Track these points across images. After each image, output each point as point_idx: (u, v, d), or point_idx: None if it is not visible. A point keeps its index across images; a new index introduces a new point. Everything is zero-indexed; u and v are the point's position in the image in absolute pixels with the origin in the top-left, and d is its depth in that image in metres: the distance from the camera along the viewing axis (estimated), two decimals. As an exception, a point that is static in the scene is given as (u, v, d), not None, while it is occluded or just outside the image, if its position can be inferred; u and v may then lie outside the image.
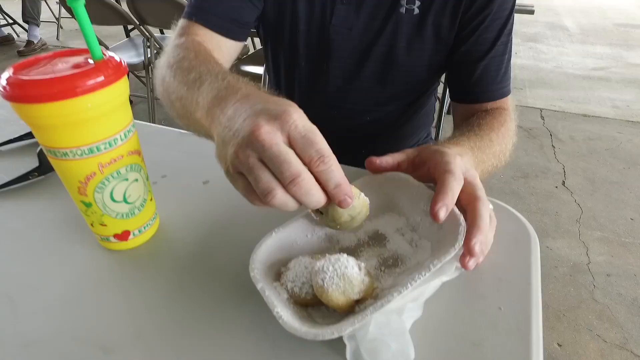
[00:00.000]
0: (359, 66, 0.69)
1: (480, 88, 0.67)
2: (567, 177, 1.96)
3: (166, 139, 0.70)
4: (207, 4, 0.64)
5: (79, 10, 0.34)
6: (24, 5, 3.70)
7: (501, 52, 0.65)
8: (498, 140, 0.59)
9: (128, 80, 0.39)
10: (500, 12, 0.63)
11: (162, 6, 1.85)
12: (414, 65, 0.68)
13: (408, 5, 0.63)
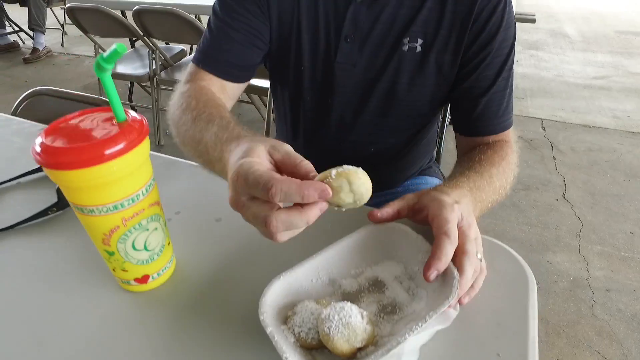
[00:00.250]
0: (363, 101, 0.71)
1: (482, 122, 0.69)
2: (568, 190, 1.98)
3: (178, 171, 0.72)
4: (214, 51, 0.68)
5: (106, 79, 0.37)
6: (30, 13, 3.74)
7: (502, 87, 0.67)
8: (498, 176, 0.62)
9: (149, 139, 0.42)
10: (501, 50, 0.65)
11: (166, 20, 1.89)
12: (417, 99, 0.70)
13: (410, 43, 0.65)
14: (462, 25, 0.63)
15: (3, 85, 3.30)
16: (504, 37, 0.64)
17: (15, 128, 0.88)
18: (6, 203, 0.65)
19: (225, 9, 0.67)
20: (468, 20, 0.62)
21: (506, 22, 0.63)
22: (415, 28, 0.64)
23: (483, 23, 0.63)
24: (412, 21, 0.64)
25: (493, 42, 0.64)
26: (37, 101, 1.01)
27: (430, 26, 0.64)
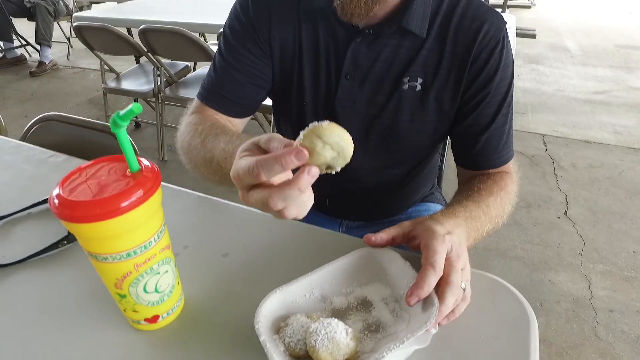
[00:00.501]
0: (364, 136, 0.72)
1: (482, 158, 0.71)
2: (570, 207, 1.98)
3: (185, 202, 0.73)
4: (218, 90, 0.70)
5: (120, 134, 0.38)
6: (37, 28, 3.79)
7: (501, 123, 0.69)
8: (495, 205, 0.64)
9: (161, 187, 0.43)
10: (499, 89, 0.66)
11: (171, 39, 1.92)
12: (418, 135, 0.71)
13: (410, 82, 0.66)
14: (460, 66, 0.64)
15: (9, 99, 3.34)
16: (501, 77, 0.65)
17: (26, 155, 0.90)
18: (17, 235, 0.67)
19: (228, 50, 0.70)
20: (467, 61, 0.64)
21: (504, 63, 0.65)
22: (415, 68, 0.65)
23: (481, 65, 0.64)
24: (411, 61, 0.65)
25: (491, 83, 0.65)
26: (46, 126, 1.03)
27: (430, 66, 0.65)
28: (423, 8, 0.62)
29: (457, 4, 0.64)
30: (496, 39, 0.63)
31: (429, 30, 0.64)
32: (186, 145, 0.66)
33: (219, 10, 2.39)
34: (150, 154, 2.42)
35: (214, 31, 1.98)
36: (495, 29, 0.63)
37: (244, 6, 0.68)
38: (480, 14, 0.63)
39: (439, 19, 0.64)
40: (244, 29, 0.68)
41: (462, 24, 0.63)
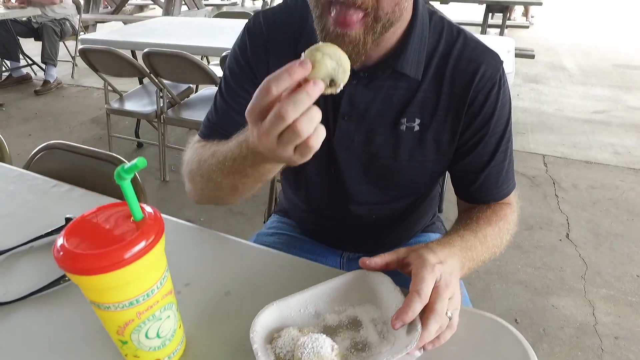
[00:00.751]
0: (363, 173, 0.72)
1: (482, 193, 0.71)
2: (571, 229, 1.98)
3: (187, 235, 0.74)
4: (219, 128, 0.70)
5: (124, 186, 0.39)
6: (44, 47, 3.86)
7: (501, 159, 0.69)
8: (493, 235, 0.65)
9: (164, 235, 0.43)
10: (497, 127, 0.67)
11: (174, 62, 1.95)
12: (417, 172, 0.71)
13: (408, 123, 0.66)
14: (458, 108, 0.65)
15: (14, 118, 3.37)
16: (499, 117, 0.66)
17: (29, 184, 0.90)
18: (19, 270, 0.67)
19: (228, 92, 0.70)
20: (464, 103, 0.64)
21: (501, 102, 0.65)
22: (412, 109, 0.65)
23: (479, 107, 0.64)
24: (408, 102, 0.65)
25: (489, 123, 0.65)
26: (50, 154, 1.04)
27: (427, 107, 0.65)
28: (418, 52, 0.62)
29: (453, 46, 0.64)
30: (492, 81, 0.63)
31: (426, 72, 0.64)
32: (196, 165, 0.65)
33: (221, 33, 2.43)
34: (152, 174, 2.43)
35: (217, 54, 2.01)
36: (491, 71, 0.63)
37: (242, 48, 0.69)
38: (477, 56, 0.63)
39: (435, 61, 0.64)
40: (242, 71, 0.69)
41: (459, 66, 0.63)
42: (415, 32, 0.61)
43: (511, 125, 0.68)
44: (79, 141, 3.07)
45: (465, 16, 5.00)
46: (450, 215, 0.80)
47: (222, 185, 0.60)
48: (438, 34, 0.64)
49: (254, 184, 0.59)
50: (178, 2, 5.60)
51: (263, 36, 0.68)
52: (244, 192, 0.61)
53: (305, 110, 0.41)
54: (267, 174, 0.55)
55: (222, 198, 0.66)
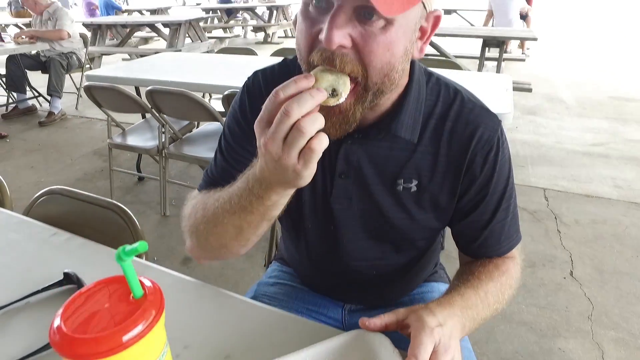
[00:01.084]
0: (362, 230, 0.72)
1: (484, 249, 0.71)
2: (575, 267, 1.95)
3: (186, 291, 0.72)
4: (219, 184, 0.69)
5: (125, 266, 0.38)
6: (50, 80, 3.93)
7: (503, 217, 0.69)
8: (494, 291, 0.64)
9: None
10: (498, 187, 0.66)
11: (177, 100, 1.98)
12: (416, 229, 0.71)
13: (405, 184, 0.66)
14: (456, 170, 0.65)
15: (17, 149, 3.40)
16: (498, 177, 0.65)
17: (29, 232, 0.90)
18: (13, 329, 0.65)
19: (228, 151, 0.70)
20: (462, 165, 0.64)
21: (500, 163, 0.65)
22: (409, 170, 0.65)
23: (478, 170, 0.64)
24: (405, 163, 0.65)
25: (489, 184, 0.65)
26: (51, 199, 1.04)
27: (424, 169, 0.65)
28: (414, 115, 0.62)
29: (450, 107, 0.64)
30: (490, 143, 0.63)
31: (422, 133, 0.64)
32: (200, 213, 0.64)
33: (224, 69, 2.49)
34: (152, 207, 2.43)
35: (219, 91, 2.05)
36: (489, 133, 0.63)
37: (242, 107, 0.70)
38: (474, 118, 0.63)
39: (432, 122, 0.64)
40: (242, 131, 0.69)
41: (457, 128, 0.63)
42: (411, 96, 0.62)
43: (512, 182, 0.68)
44: (81, 174, 3.08)
45: (463, 50, 5.12)
46: (453, 252, 0.79)
47: (228, 228, 0.60)
48: (435, 96, 0.65)
49: (260, 222, 0.58)
50: (182, 35, 5.76)
51: (262, 94, 0.68)
52: (249, 233, 0.60)
53: (309, 111, 0.44)
54: (273, 208, 0.55)
55: (226, 246, 0.64)
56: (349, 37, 0.49)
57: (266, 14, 9.25)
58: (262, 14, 9.25)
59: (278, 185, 0.51)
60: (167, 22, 6.02)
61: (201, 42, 6.23)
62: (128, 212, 0.94)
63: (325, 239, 0.75)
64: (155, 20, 6.43)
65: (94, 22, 6.21)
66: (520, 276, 0.72)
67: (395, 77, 0.54)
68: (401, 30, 0.51)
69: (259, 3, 9.40)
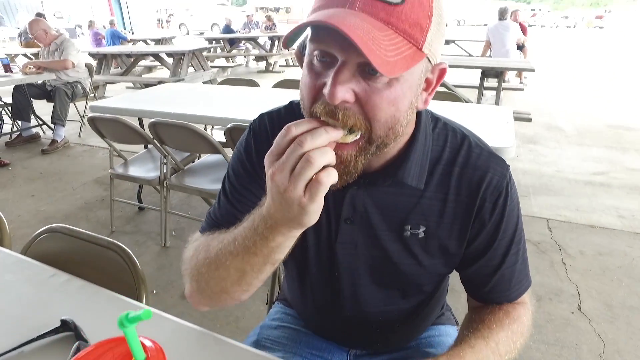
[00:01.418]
0: (368, 275, 0.70)
1: (494, 295, 0.69)
2: (583, 301, 1.91)
3: (188, 342, 0.70)
4: (222, 223, 0.68)
5: (127, 332, 0.37)
6: (54, 109, 3.98)
7: (513, 262, 0.67)
8: (506, 341, 0.63)
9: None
10: (507, 232, 0.65)
11: (180, 132, 1.99)
12: (423, 274, 0.69)
13: (413, 230, 0.65)
14: (465, 216, 0.64)
15: (19, 177, 3.40)
16: (508, 222, 0.64)
17: (27, 274, 0.88)
18: (6, 382, 0.63)
19: (233, 193, 0.69)
20: (471, 211, 0.63)
21: (509, 208, 0.64)
22: (416, 216, 0.64)
23: (488, 215, 0.63)
24: (412, 209, 0.64)
25: (499, 229, 0.64)
26: (51, 236, 1.03)
27: (433, 215, 0.64)
28: (421, 163, 0.62)
29: (458, 153, 0.64)
30: (499, 189, 0.63)
31: (430, 179, 0.63)
32: (202, 255, 0.62)
33: (226, 102, 2.52)
34: (152, 238, 2.40)
35: (221, 124, 2.06)
36: (498, 178, 0.63)
37: (247, 150, 0.69)
38: (482, 163, 0.63)
39: (440, 168, 0.64)
40: (247, 173, 0.68)
41: (465, 174, 0.63)
42: (418, 144, 0.61)
43: (521, 226, 0.67)
44: (81, 202, 3.07)
45: (462, 79, 5.21)
46: (456, 285, 0.77)
47: (230, 271, 0.58)
48: (442, 142, 0.65)
49: (263, 265, 0.56)
50: (185, 65, 5.88)
51: (268, 136, 0.69)
52: (252, 278, 0.58)
53: (320, 146, 0.45)
54: (277, 250, 0.54)
55: (227, 291, 0.62)
56: (352, 92, 0.49)
57: (268, 43, 9.48)
58: (264, 44, 9.47)
59: (283, 224, 0.50)
60: (171, 52, 6.15)
61: (204, 71, 6.35)
62: (128, 252, 0.92)
63: (330, 284, 0.73)
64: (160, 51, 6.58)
65: (100, 52, 6.36)
66: (531, 323, 0.70)
67: (399, 130, 0.54)
68: (406, 85, 0.51)
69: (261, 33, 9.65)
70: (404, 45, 0.47)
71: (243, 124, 1.84)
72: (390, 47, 0.45)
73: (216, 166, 2.33)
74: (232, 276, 0.59)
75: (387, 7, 0.46)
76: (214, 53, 9.32)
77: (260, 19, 11.57)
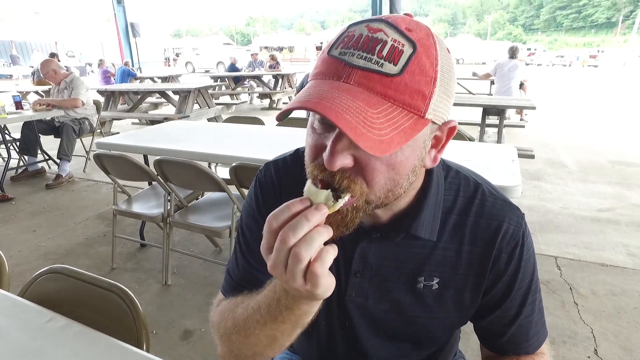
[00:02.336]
0: (379, 329, 0.68)
1: (512, 346, 0.66)
2: (599, 344, 1.83)
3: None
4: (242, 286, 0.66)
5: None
6: (61, 144, 4.04)
7: (529, 312, 0.65)
8: None
9: None
10: (523, 282, 0.63)
11: (184, 169, 1.99)
12: (436, 327, 0.67)
13: (426, 282, 0.63)
14: (480, 266, 0.62)
15: (22, 212, 3.39)
16: (524, 272, 0.63)
17: (22, 318, 0.85)
18: None
19: (248, 249, 0.68)
20: (487, 261, 0.61)
21: (525, 258, 0.62)
22: (430, 268, 0.62)
23: (504, 265, 0.62)
24: (426, 261, 0.62)
25: (515, 278, 0.62)
26: (52, 277, 1.00)
27: (447, 266, 0.62)
28: (433, 213, 0.60)
29: (472, 202, 0.62)
30: (516, 239, 0.61)
31: (443, 229, 0.61)
32: (230, 323, 0.60)
33: (231, 140, 2.54)
34: (153, 276, 2.36)
35: (227, 162, 2.07)
36: (514, 227, 0.61)
37: (256, 203, 0.69)
38: (497, 212, 0.62)
39: (453, 218, 0.62)
40: (259, 227, 0.66)
41: (480, 224, 0.61)
42: (430, 196, 0.60)
43: (537, 276, 0.65)
44: (82, 238, 3.04)
45: (464, 117, 5.29)
46: (465, 327, 0.73)
47: (260, 338, 0.56)
48: (455, 191, 0.63)
49: (293, 330, 0.54)
50: (190, 102, 6.01)
51: (275, 186, 0.68)
52: (283, 341, 0.56)
53: (304, 235, 0.43)
54: (304, 316, 0.51)
55: (261, 354, 0.59)
56: (351, 158, 0.48)
57: (272, 81, 9.73)
58: (268, 82, 9.72)
59: (302, 297, 0.49)
60: (177, 89, 6.30)
61: (209, 108, 6.48)
62: (130, 296, 0.89)
63: (339, 336, 0.70)
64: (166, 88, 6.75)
65: (108, 89, 6.52)
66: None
67: (399, 192, 0.52)
68: (408, 150, 0.49)
69: (265, 72, 9.93)
70: (403, 117, 0.45)
71: (248, 163, 1.85)
72: (386, 123, 0.44)
73: (220, 204, 2.32)
74: (263, 342, 0.57)
75: (384, 80, 0.44)
76: (219, 90, 9.55)
77: (265, 58, 11.94)
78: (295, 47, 32.35)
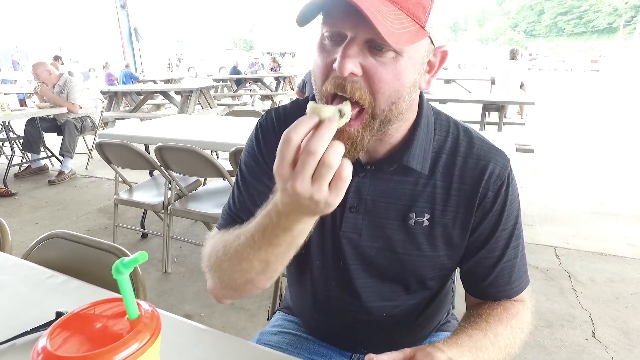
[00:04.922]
0: (371, 266, 0.70)
1: (494, 290, 0.68)
2: (597, 327, 1.83)
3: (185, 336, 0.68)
4: (238, 218, 0.69)
5: (122, 281, 0.36)
6: (63, 141, 4.07)
7: (513, 256, 0.67)
8: (505, 334, 0.61)
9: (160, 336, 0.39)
10: (508, 224, 0.66)
11: (185, 156, 2.02)
12: (427, 267, 0.69)
13: (417, 218, 0.65)
14: (468, 204, 0.65)
15: (24, 206, 3.42)
16: (509, 213, 0.65)
17: (24, 275, 0.87)
18: (-5, 374, 0.61)
19: (245, 186, 0.70)
20: (474, 199, 0.64)
21: (510, 199, 0.65)
22: (421, 204, 0.65)
23: (490, 204, 0.64)
24: (417, 197, 0.65)
25: (500, 219, 0.65)
26: (52, 243, 1.02)
27: (437, 203, 0.65)
28: (424, 147, 0.64)
29: (460, 143, 0.66)
30: (502, 179, 0.64)
31: (434, 168, 0.65)
32: (222, 252, 0.61)
33: (231, 130, 2.57)
34: (154, 265, 2.37)
35: (226, 149, 2.10)
36: (500, 168, 0.64)
37: (256, 143, 0.71)
38: (485, 154, 0.65)
39: (443, 157, 0.65)
40: (258, 165, 0.70)
41: (468, 163, 0.65)
42: (421, 129, 0.63)
43: (520, 223, 0.68)
44: (84, 230, 3.07)
45: (464, 115, 5.30)
46: (463, 310, 0.75)
47: (253, 263, 0.57)
48: (445, 132, 0.66)
49: (287, 252, 0.55)
50: (192, 102, 6.05)
51: (275, 129, 0.71)
52: (276, 265, 0.57)
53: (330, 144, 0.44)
54: (300, 236, 0.53)
55: (252, 281, 0.60)
56: (359, 66, 0.52)
57: (273, 83, 9.78)
58: (269, 84, 9.78)
59: (305, 216, 0.50)
60: (179, 89, 6.35)
61: (210, 108, 6.52)
62: (129, 255, 0.91)
63: (332, 277, 0.72)
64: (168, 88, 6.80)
65: (111, 90, 6.58)
66: (531, 320, 0.69)
67: (402, 106, 0.56)
68: (410, 62, 0.53)
69: (266, 74, 9.99)
70: (408, 21, 0.50)
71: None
72: (396, 21, 0.49)
73: (220, 192, 2.34)
74: (255, 268, 0.58)
75: None
76: (221, 92, 9.61)
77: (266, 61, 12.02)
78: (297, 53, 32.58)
